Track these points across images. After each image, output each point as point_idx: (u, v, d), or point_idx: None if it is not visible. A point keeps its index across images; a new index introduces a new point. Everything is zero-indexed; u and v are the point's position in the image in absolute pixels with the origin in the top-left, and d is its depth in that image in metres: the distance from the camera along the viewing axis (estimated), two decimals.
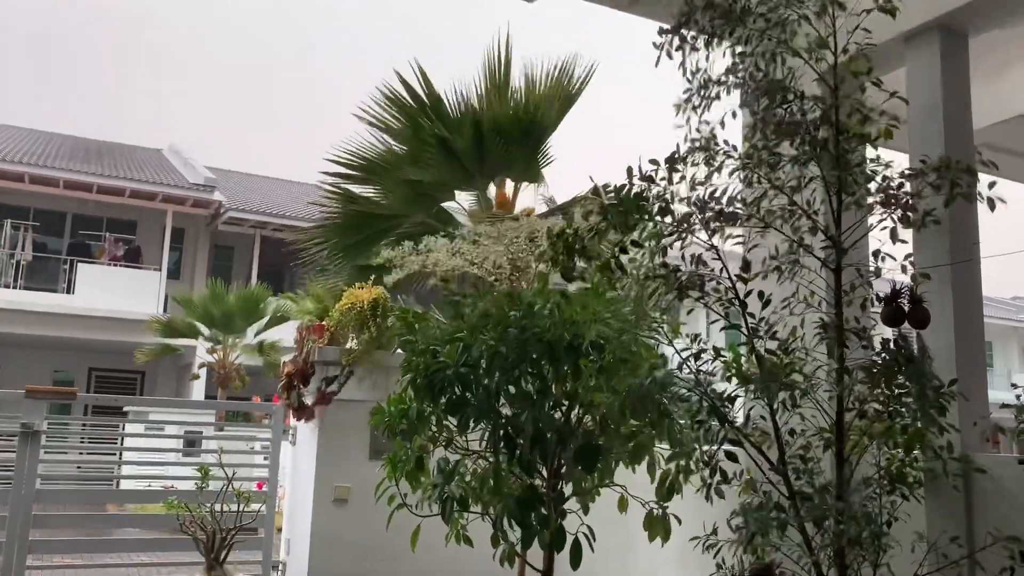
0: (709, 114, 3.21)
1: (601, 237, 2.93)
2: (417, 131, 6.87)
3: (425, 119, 6.82)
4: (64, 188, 20.77)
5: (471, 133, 6.77)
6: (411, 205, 6.91)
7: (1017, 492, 2.94)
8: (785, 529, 2.87)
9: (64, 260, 21.48)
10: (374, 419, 3.68)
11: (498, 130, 6.72)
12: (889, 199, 3.05)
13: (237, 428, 9.45)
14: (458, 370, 3.33)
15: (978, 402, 3.30)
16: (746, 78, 3.17)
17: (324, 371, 5.22)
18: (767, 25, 3.11)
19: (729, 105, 3.22)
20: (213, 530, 4.64)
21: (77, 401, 5.52)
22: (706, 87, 3.21)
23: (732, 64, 3.22)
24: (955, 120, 3.56)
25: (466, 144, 6.77)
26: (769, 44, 3.12)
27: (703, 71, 3.23)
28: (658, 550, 3.68)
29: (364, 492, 4.81)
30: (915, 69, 3.69)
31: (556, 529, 3.41)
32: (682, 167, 3.13)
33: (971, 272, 3.45)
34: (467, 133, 6.76)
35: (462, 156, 6.82)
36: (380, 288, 5.32)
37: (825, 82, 3.16)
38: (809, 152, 3.07)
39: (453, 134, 6.78)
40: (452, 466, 3.52)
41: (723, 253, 3.11)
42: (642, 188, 3.05)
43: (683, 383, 3.05)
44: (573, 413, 3.56)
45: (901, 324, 3.13)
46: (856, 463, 3.00)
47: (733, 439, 3.01)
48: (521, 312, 3.41)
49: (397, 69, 6.73)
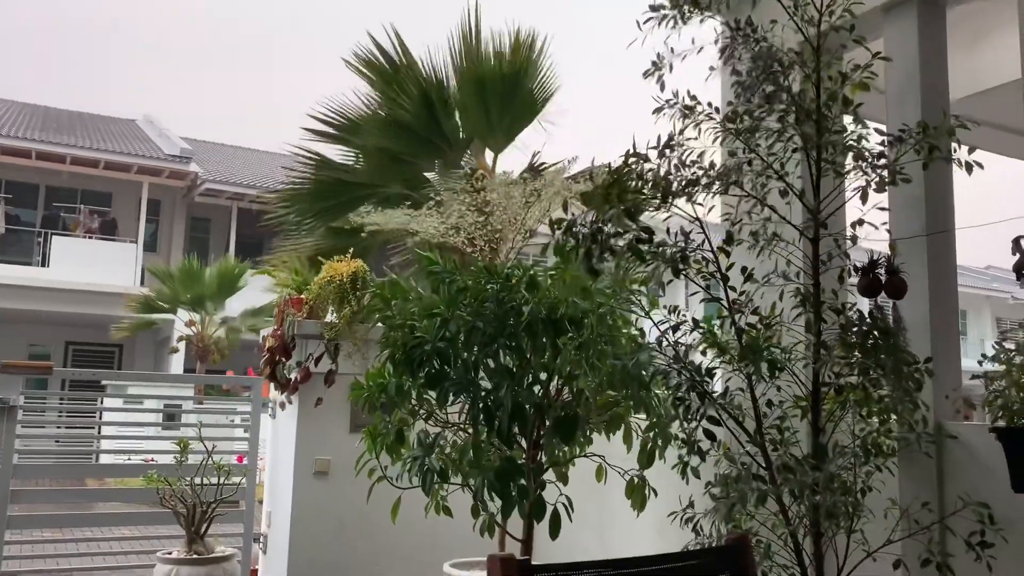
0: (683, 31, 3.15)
1: (618, 222, 2.88)
2: (391, 95, 6.79)
3: (399, 83, 6.73)
4: (37, 159, 20.47)
5: (444, 97, 6.71)
6: (386, 172, 6.84)
7: (988, 460, 2.99)
8: (764, 500, 2.91)
9: (38, 233, 21.23)
10: (353, 393, 3.68)
11: (474, 94, 6.65)
12: (865, 161, 3.04)
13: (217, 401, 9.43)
14: (436, 344, 3.33)
15: (951, 372, 3.35)
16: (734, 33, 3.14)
17: (304, 345, 5.20)
18: None
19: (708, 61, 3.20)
20: (193, 503, 4.65)
21: (54, 375, 5.48)
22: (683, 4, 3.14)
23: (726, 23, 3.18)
24: (932, 90, 3.57)
25: (439, 110, 6.71)
26: None
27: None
28: (636, 521, 3.73)
29: (345, 465, 4.83)
30: (893, 39, 3.69)
31: (535, 500, 3.45)
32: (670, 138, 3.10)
33: (946, 242, 3.48)
34: (440, 98, 6.69)
35: (437, 122, 6.76)
36: (359, 261, 5.29)
37: (809, 43, 3.15)
38: (790, 118, 3.06)
39: (426, 99, 6.71)
40: (432, 439, 3.53)
41: (707, 226, 3.11)
42: (637, 165, 3.03)
43: (662, 358, 3.06)
44: (552, 385, 3.58)
45: (878, 294, 3.15)
46: (832, 433, 3.04)
47: (712, 416, 3.03)
48: (498, 286, 3.41)
49: (371, 32, 6.65)
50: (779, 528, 3.01)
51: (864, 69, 3.04)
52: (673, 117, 3.16)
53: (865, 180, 3.04)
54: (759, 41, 3.13)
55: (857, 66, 3.07)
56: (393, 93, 6.74)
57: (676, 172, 3.06)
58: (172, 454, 4.95)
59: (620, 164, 3.02)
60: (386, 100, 6.83)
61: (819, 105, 3.07)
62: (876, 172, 3.03)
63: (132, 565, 5.54)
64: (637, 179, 2.99)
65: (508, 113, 6.73)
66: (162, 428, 8.07)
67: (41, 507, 5.99)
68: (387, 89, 6.76)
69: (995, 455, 2.80)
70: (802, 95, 3.09)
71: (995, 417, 2.80)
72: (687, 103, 3.15)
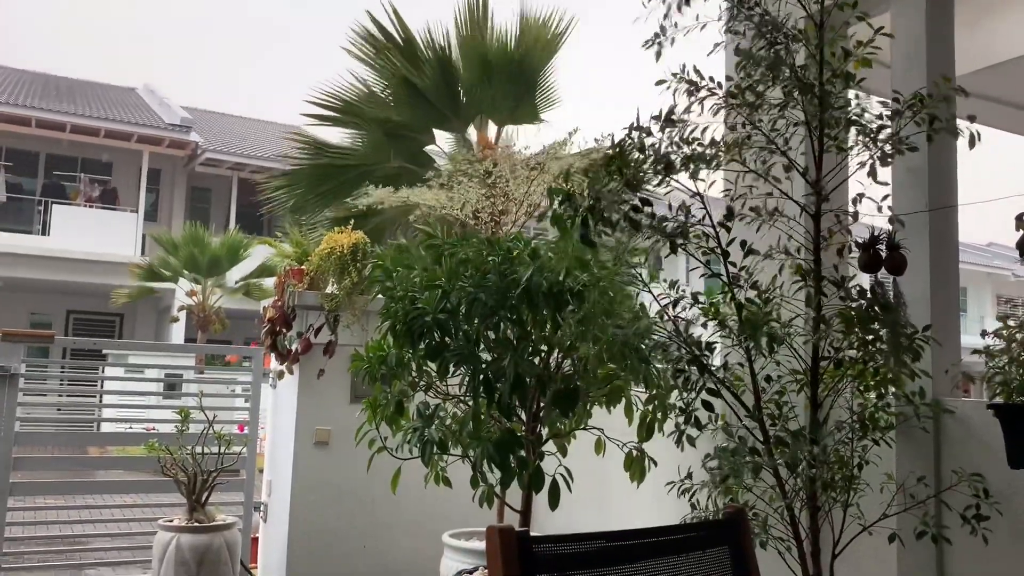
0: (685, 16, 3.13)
1: (615, 194, 2.88)
2: (393, 70, 6.76)
3: (400, 57, 6.70)
4: (37, 127, 20.39)
5: (447, 72, 6.67)
6: (386, 149, 6.82)
7: (985, 435, 3.01)
8: (759, 472, 2.93)
9: (39, 201, 21.19)
10: (354, 365, 3.69)
11: (478, 69, 6.62)
12: (868, 136, 3.03)
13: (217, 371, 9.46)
14: (437, 316, 3.34)
15: (951, 348, 3.35)
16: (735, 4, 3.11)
17: (304, 316, 5.21)
18: None
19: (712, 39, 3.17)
20: (194, 472, 4.68)
21: (55, 344, 5.50)
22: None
23: None
24: (938, 65, 3.54)
25: (443, 83, 6.68)
26: None
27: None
28: (634, 493, 3.75)
29: (345, 435, 4.86)
30: (900, 13, 3.65)
31: (534, 471, 3.47)
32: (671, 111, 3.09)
33: (948, 218, 3.47)
34: (443, 71, 6.65)
35: (439, 96, 6.72)
36: (360, 233, 5.29)
37: (811, 18, 3.12)
38: (793, 93, 3.05)
39: (430, 72, 6.67)
40: (432, 410, 3.55)
41: (707, 200, 3.10)
42: (639, 139, 3.02)
43: (662, 331, 3.07)
44: (552, 358, 3.59)
45: (878, 270, 3.14)
46: (830, 407, 3.05)
47: (711, 388, 3.04)
48: (500, 258, 3.41)
49: (369, 9, 6.60)
50: (776, 501, 3.03)
51: (867, 45, 3.02)
52: (677, 92, 3.14)
53: (869, 155, 3.03)
54: (762, 15, 3.10)
55: (860, 42, 3.04)
56: (398, 63, 6.70)
57: (677, 149, 3.05)
58: (173, 423, 4.97)
59: (623, 137, 3.01)
60: (390, 70, 6.79)
61: (822, 81, 3.04)
62: (878, 146, 3.01)
63: (133, 532, 5.58)
64: (639, 151, 2.97)
65: (513, 87, 6.70)
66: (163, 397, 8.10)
67: (43, 475, 6.03)
68: (392, 59, 6.72)
69: (992, 431, 2.81)
70: (805, 70, 3.07)
71: (993, 393, 2.81)
72: (690, 78, 3.13)
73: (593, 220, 2.87)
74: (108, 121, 21.12)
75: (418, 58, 6.68)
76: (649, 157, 2.99)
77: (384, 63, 6.77)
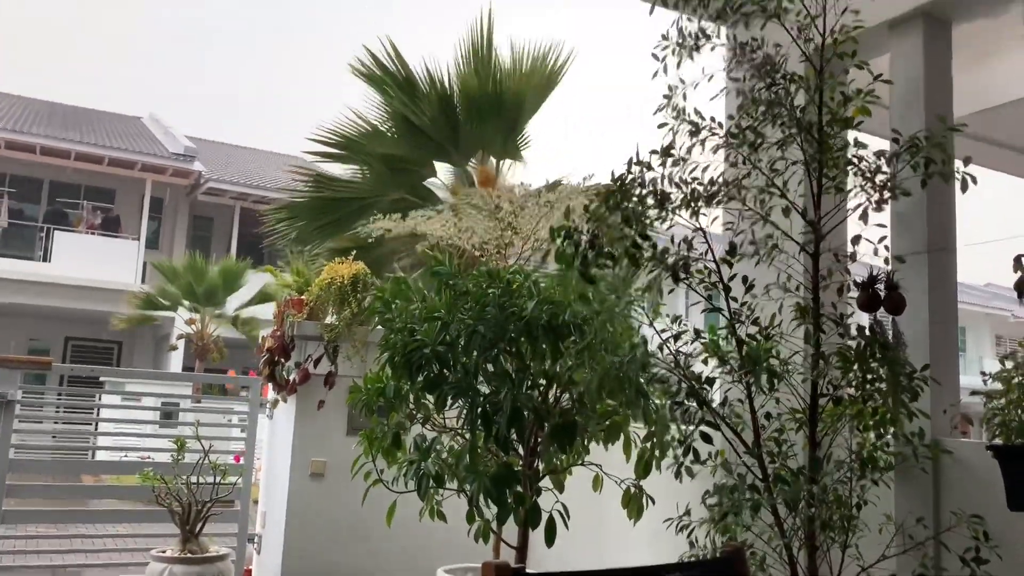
0: (693, 66, 3.19)
1: (614, 229, 2.90)
2: (395, 106, 6.82)
3: (400, 92, 6.76)
4: (41, 155, 20.50)
5: (448, 108, 6.73)
6: (390, 182, 6.87)
7: (984, 477, 2.99)
8: (758, 510, 2.91)
9: (41, 227, 21.24)
10: (351, 397, 3.68)
11: (477, 105, 6.67)
12: (866, 179, 3.06)
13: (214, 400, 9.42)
14: (436, 348, 3.33)
15: (950, 388, 3.34)
16: (736, 49, 3.16)
17: (303, 346, 5.20)
18: None
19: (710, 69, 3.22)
20: (189, 502, 4.65)
21: (53, 371, 5.48)
22: (693, 39, 3.17)
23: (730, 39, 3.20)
24: (936, 107, 3.58)
25: (444, 118, 6.73)
26: (763, 14, 3.11)
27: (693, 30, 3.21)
28: (631, 529, 3.72)
29: (341, 467, 4.83)
30: (898, 56, 3.70)
31: (531, 507, 3.44)
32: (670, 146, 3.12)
33: (947, 259, 3.48)
34: (444, 107, 6.71)
35: (440, 131, 6.78)
36: (360, 264, 5.30)
37: (811, 63, 3.16)
38: (793, 134, 3.08)
39: (429, 108, 6.73)
40: (428, 443, 3.53)
41: (710, 236, 3.12)
42: (639, 174, 3.05)
43: (662, 364, 3.07)
44: (551, 392, 3.58)
45: (877, 309, 3.15)
46: (829, 447, 3.04)
47: (710, 421, 3.03)
48: (500, 290, 3.41)
49: (367, 44, 6.67)
50: (774, 540, 3.01)
51: (866, 94, 3.05)
52: (678, 132, 3.18)
53: (866, 198, 3.05)
54: (764, 58, 3.14)
55: (859, 90, 3.07)
56: (403, 96, 6.76)
57: (676, 189, 3.09)
58: (169, 452, 4.94)
59: (623, 172, 3.04)
60: (390, 105, 6.84)
61: (821, 124, 3.08)
62: (876, 190, 3.04)
63: (126, 563, 5.53)
64: (640, 187, 3.00)
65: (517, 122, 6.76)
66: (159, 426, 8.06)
67: (36, 503, 5.98)
68: (392, 94, 6.78)
69: (992, 473, 2.79)
70: (804, 112, 3.10)
71: (993, 435, 2.80)
72: (692, 119, 3.17)
73: (593, 255, 2.88)
74: (112, 149, 21.23)
75: (417, 93, 6.74)
76: (649, 192, 3.02)
77: (385, 98, 6.83)
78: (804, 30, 3.15)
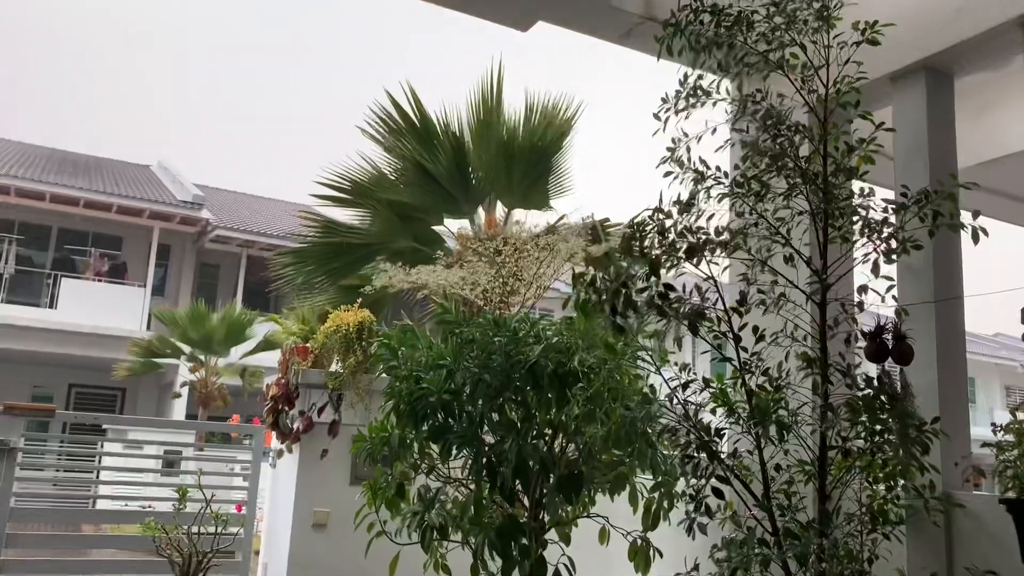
0: (697, 114, 3.23)
1: (642, 278, 2.91)
2: (405, 154, 6.88)
3: (414, 141, 6.83)
4: (50, 202, 20.67)
5: (461, 157, 6.79)
6: (397, 229, 6.90)
7: (997, 531, 2.94)
8: (768, 566, 2.86)
9: (48, 274, 21.33)
10: (355, 446, 3.65)
11: (491, 155, 6.73)
12: (873, 231, 3.06)
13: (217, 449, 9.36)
14: (441, 397, 3.31)
15: (960, 440, 3.31)
16: (741, 101, 3.19)
17: (308, 394, 5.18)
18: (767, 44, 3.14)
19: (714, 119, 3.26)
20: (190, 553, 4.58)
21: (56, 418, 5.45)
22: (695, 94, 3.22)
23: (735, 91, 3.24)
24: (940, 158, 3.60)
25: (455, 167, 6.79)
26: (766, 65, 3.15)
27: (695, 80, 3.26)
28: None
29: (344, 518, 4.77)
30: (901, 108, 3.73)
31: (536, 559, 3.39)
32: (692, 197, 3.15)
33: (955, 309, 3.47)
34: (456, 157, 6.77)
35: (451, 180, 6.83)
36: (366, 311, 5.30)
37: (815, 114, 3.19)
38: (798, 184, 3.09)
39: (443, 157, 6.79)
40: (433, 494, 3.49)
41: (720, 285, 3.12)
42: (660, 220, 3.06)
43: (671, 415, 3.04)
44: (556, 442, 3.55)
45: (885, 360, 3.13)
46: (839, 499, 3.00)
47: (720, 475, 3.00)
48: (506, 339, 3.40)
49: (388, 89, 6.75)
50: None
51: (869, 143, 3.07)
52: (684, 182, 3.20)
53: (873, 249, 3.05)
54: (768, 109, 3.17)
55: (862, 139, 3.10)
56: (411, 146, 6.82)
57: (681, 238, 3.09)
58: (171, 501, 4.89)
59: (642, 218, 3.05)
60: (402, 153, 6.90)
61: (826, 174, 3.09)
62: (883, 241, 3.04)
63: None
64: (659, 234, 3.01)
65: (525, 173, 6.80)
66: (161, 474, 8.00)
67: (36, 552, 5.90)
68: (405, 142, 6.84)
69: (1005, 526, 2.75)
70: (808, 162, 3.12)
71: (1005, 488, 2.77)
72: (698, 168, 3.19)
73: (621, 305, 2.86)
74: (120, 197, 21.41)
75: (432, 142, 6.80)
76: (668, 240, 3.03)
77: (398, 145, 6.90)
78: (808, 81, 3.18)
